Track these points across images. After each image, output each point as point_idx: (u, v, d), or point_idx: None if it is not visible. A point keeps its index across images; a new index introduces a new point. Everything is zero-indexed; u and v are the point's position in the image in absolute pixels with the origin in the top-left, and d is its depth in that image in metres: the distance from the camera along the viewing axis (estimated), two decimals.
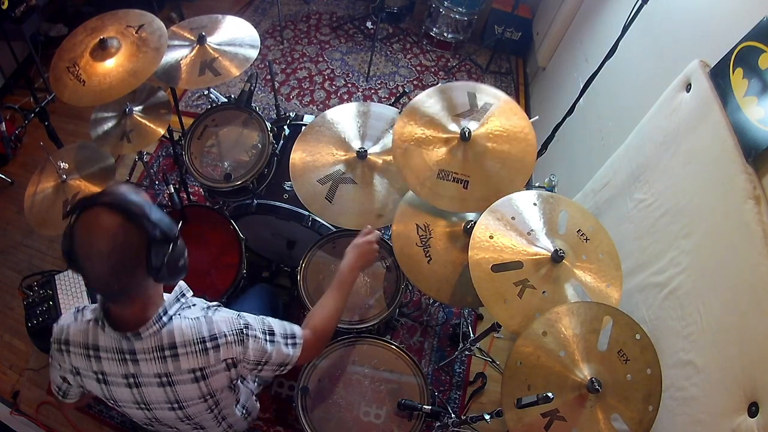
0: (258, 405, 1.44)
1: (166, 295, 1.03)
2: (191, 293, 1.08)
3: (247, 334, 1.03)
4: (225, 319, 1.03)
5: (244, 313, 1.09)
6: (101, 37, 1.59)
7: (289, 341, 1.11)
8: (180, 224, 0.97)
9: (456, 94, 1.47)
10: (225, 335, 1.00)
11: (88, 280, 0.90)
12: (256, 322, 1.08)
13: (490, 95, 1.46)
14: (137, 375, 1.01)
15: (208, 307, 1.06)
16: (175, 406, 1.05)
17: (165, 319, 0.98)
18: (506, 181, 1.36)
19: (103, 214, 0.85)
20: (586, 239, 1.28)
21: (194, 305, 1.05)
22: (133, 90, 1.63)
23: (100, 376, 1.03)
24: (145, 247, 0.87)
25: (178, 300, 1.03)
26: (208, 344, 0.99)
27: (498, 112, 1.42)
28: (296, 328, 1.15)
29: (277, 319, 1.14)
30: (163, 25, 1.65)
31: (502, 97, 1.46)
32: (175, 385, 1.01)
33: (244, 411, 1.31)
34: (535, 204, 1.32)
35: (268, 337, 1.07)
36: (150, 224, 0.87)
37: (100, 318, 0.99)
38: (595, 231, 1.29)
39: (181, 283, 1.06)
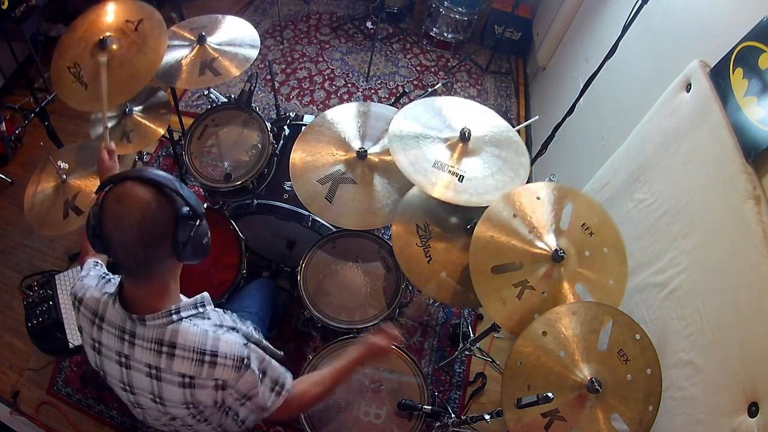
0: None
1: (184, 298, 1.04)
2: (212, 307, 1.07)
3: (247, 365, 1.01)
4: (230, 342, 1.01)
5: (252, 345, 1.06)
6: (101, 37, 1.59)
7: (276, 388, 1.08)
8: (206, 204, 0.98)
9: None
10: (226, 357, 0.98)
11: (114, 251, 0.91)
12: (257, 358, 1.05)
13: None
14: (130, 357, 1.01)
15: (221, 326, 1.05)
16: (157, 400, 1.04)
17: (175, 317, 0.98)
18: (501, 185, 1.37)
19: (136, 186, 0.88)
20: (591, 233, 1.27)
21: (209, 319, 1.04)
22: None
23: (97, 345, 1.04)
24: (174, 221, 0.90)
25: (196, 307, 1.03)
26: (206, 358, 0.97)
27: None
28: (288, 381, 1.11)
29: (277, 363, 1.11)
30: (164, 23, 1.65)
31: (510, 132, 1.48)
32: (162, 381, 1.00)
33: (236, 418, 1.29)
34: (538, 198, 1.32)
35: (260, 376, 1.05)
36: (180, 198, 0.91)
37: (115, 293, 1.01)
38: (601, 224, 1.28)
39: (205, 294, 1.07)
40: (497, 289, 1.21)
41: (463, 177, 1.36)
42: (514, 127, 1.53)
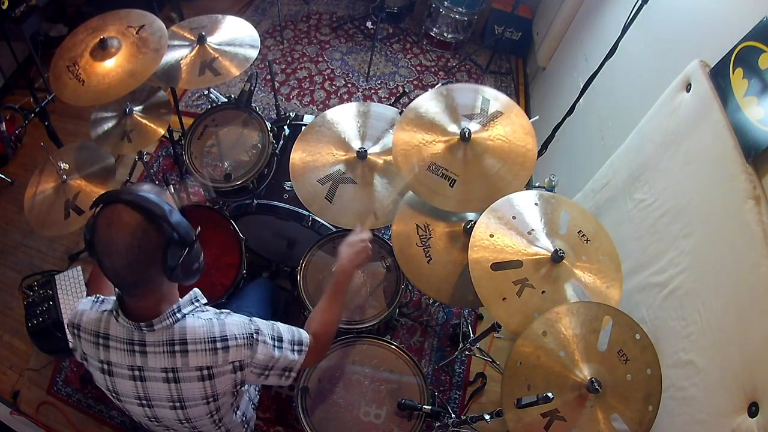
0: (255, 414, 1.45)
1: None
2: (205, 301, 1.10)
3: (257, 339, 1.05)
4: (237, 322, 1.05)
5: (256, 319, 1.10)
6: (101, 37, 1.59)
7: (296, 347, 1.12)
8: (198, 230, 1.00)
9: (470, 95, 1.49)
10: (236, 337, 1.02)
11: (105, 272, 0.93)
12: (267, 327, 1.09)
13: (501, 103, 1.47)
14: (143, 368, 1.02)
15: (221, 313, 1.08)
16: (177, 405, 1.05)
17: (179, 315, 1.00)
18: (492, 191, 1.36)
19: (124, 211, 0.88)
20: (587, 240, 1.28)
21: (207, 311, 1.08)
22: (133, 90, 1.63)
23: (105, 366, 1.04)
24: (162, 247, 0.91)
25: (192, 303, 1.05)
26: (218, 344, 1.00)
27: (505, 122, 1.43)
28: (303, 335, 1.15)
29: (286, 325, 1.14)
30: (164, 26, 1.65)
31: (514, 108, 1.46)
32: (181, 381, 1.02)
33: (243, 418, 1.32)
34: (536, 204, 1.32)
35: (276, 343, 1.08)
36: (168, 226, 0.91)
37: (115, 308, 1.01)
38: (596, 232, 1.29)
39: (196, 290, 1.08)
40: (497, 287, 1.21)
41: (455, 182, 1.36)
42: None
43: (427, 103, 1.47)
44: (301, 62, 3.39)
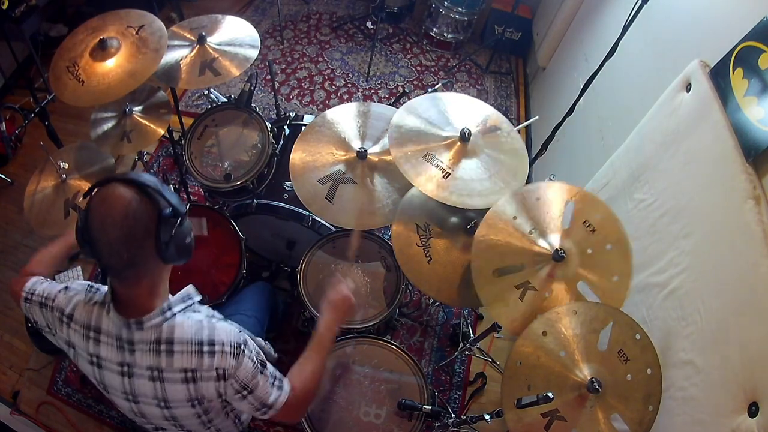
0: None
1: (171, 296, 1.05)
2: (199, 298, 1.09)
3: (244, 351, 1.03)
4: (226, 329, 1.03)
5: (245, 332, 1.09)
6: (101, 37, 1.59)
7: (276, 383, 1.08)
8: (188, 205, 1.00)
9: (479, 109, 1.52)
10: (223, 344, 1.00)
11: (100, 252, 0.92)
12: (253, 346, 1.07)
13: (505, 125, 1.48)
14: (132, 365, 1.01)
15: (213, 316, 1.07)
16: (162, 404, 1.05)
17: (168, 314, 1.00)
18: (487, 192, 1.35)
19: (119, 187, 0.91)
20: (593, 230, 1.25)
21: (200, 311, 1.07)
22: (133, 90, 1.63)
23: (95, 359, 1.04)
24: (156, 220, 0.92)
25: (184, 301, 1.05)
26: (205, 348, 0.99)
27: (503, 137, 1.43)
28: (284, 378, 1.12)
29: (269, 363, 1.11)
30: (164, 26, 1.65)
31: (513, 134, 1.47)
32: (165, 382, 1.01)
33: (237, 421, 1.28)
34: (538, 199, 1.31)
35: (259, 366, 1.05)
36: (162, 199, 0.93)
37: (107, 302, 1.01)
38: (603, 220, 1.25)
39: (189, 287, 1.08)
40: (500, 292, 1.21)
41: (449, 175, 1.36)
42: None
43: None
44: (301, 62, 3.39)
